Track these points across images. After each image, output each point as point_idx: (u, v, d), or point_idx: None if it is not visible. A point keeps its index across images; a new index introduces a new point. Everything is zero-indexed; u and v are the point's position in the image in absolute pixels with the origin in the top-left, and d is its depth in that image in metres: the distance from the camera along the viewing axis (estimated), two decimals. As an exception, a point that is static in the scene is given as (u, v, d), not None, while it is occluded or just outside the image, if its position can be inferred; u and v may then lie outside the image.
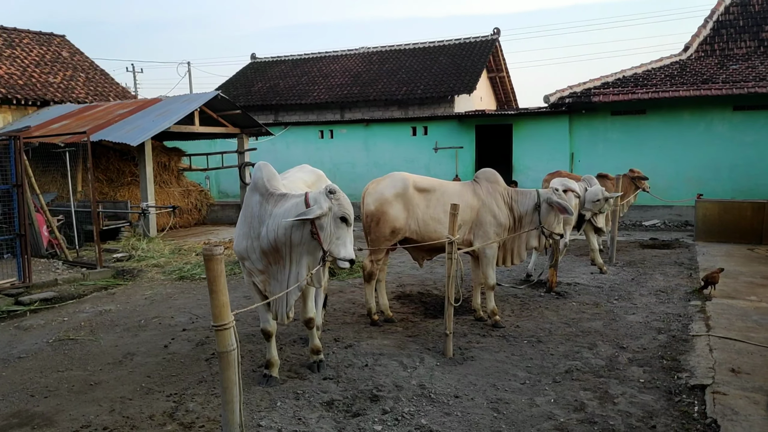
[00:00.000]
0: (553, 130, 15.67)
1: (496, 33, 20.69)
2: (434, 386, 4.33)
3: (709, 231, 11.36)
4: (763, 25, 16.10)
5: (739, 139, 14.05)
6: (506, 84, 22.65)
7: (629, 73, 15.68)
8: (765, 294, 6.87)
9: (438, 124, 17.01)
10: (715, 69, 14.94)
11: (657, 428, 3.64)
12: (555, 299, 7.10)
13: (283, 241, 4.04)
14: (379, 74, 20.05)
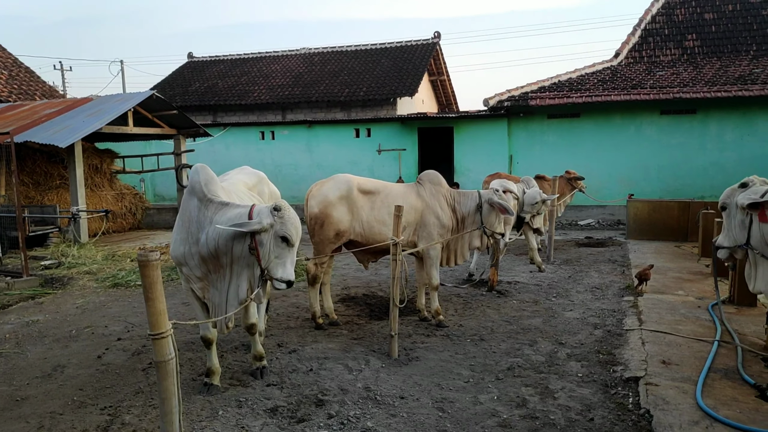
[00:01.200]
0: (492, 132, 16.03)
1: (436, 37, 20.97)
2: (380, 388, 4.32)
3: (639, 229, 11.90)
4: (686, 35, 17.05)
5: (666, 142, 14.82)
6: (447, 87, 23.00)
7: (564, 78, 16.25)
8: (691, 288, 7.26)
9: (381, 126, 17.07)
10: (644, 75, 15.69)
11: (595, 421, 3.76)
12: (496, 298, 7.25)
13: (224, 252, 3.91)
14: (321, 75, 19.93)
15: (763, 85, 13.72)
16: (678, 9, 17.64)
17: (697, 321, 5.80)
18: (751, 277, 4.20)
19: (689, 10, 17.52)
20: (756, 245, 4.01)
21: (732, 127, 14.34)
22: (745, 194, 4.02)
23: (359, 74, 19.51)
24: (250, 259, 3.87)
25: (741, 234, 4.10)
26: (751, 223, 3.96)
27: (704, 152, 14.53)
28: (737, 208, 4.09)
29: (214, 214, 3.99)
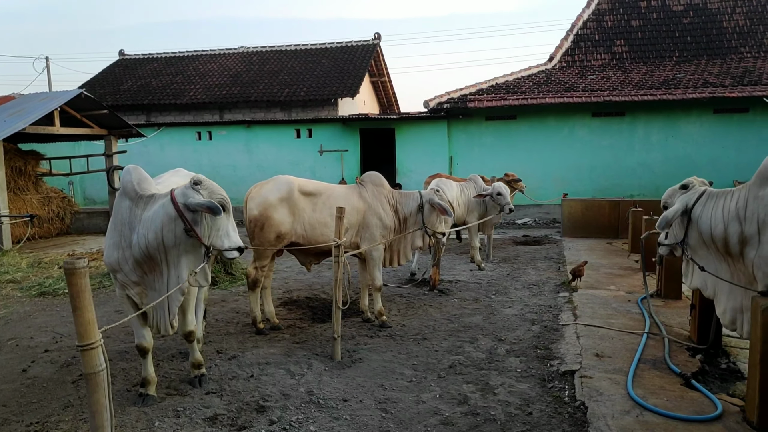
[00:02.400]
0: (433, 134, 16.24)
1: (377, 38, 21.05)
2: (322, 391, 4.28)
3: (573, 227, 12.36)
4: (615, 40, 17.85)
5: (597, 143, 15.45)
6: (388, 88, 23.13)
7: (501, 81, 16.66)
8: (622, 283, 7.59)
9: (323, 126, 16.97)
10: (576, 78, 16.31)
11: (533, 414, 3.87)
12: (438, 297, 7.34)
13: (155, 246, 3.77)
14: (261, 75, 19.61)
15: (685, 89, 14.54)
16: (607, 15, 18.44)
17: (627, 314, 6.07)
18: (687, 275, 4.38)
19: (617, 17, 18.34)
20: (693, 245, 4.18)
21: (657, 129, 15.11)
22: (684, 196, 4.20)
23: (300, 74, 19.33)
24: (186, 244, 3.78)
25: (680, 233, 4.28)
26: (689, 223, 4.15)
27: (632, 153, 15.24)
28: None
29: (143, 211, 3.87)
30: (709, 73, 15.48)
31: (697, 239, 4.10)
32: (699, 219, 4.03)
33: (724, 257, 3.98)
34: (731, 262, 3.94)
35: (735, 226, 3.79)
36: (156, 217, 3.76)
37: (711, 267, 4.10)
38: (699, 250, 4.15)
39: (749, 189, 3.79)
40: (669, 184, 13.98)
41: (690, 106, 14.70)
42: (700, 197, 4.11)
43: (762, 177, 3.70)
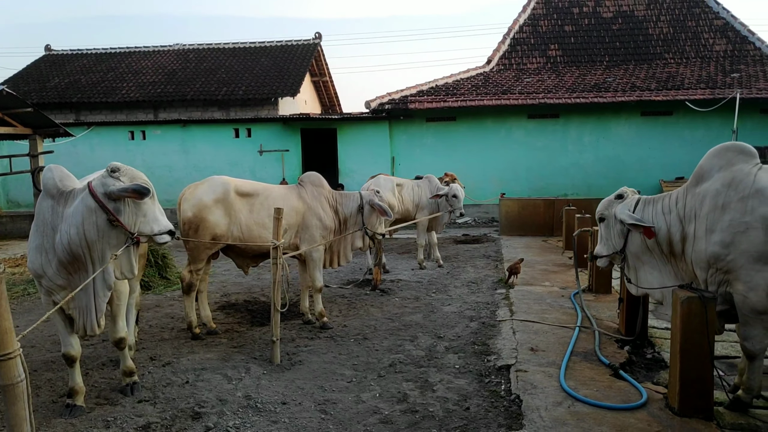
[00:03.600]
0: (375, 134, 16.29)
1: (318, 37, 20.92)
2: (261, 395, 4.21)
3: (511, 226, 12.69)
4: (549, 45, 18.45)
5: (532, 144, 15.93)
6: (330, 88, 23.03)
7: (441, 83, 16.91)
8: (556, 279, 7.85)
9: (262, 126, 16.71)
10: (513, 81, 16.76)
11: (471, 409, 3.94)
12: (380, 296, 7.37)
13: (78, 242, 3.60)
14: (197, 73, 19.09)
15: (615, 93, 15.21)
16: (542, 20, 19.05)
17: (561, 309, 6.29)
18: (629, 277, 4.48)
19: (551, 22, 18.98)
20: (636, 252, 4.34)
21: (589, 131, 15.74)
22: (622, 206, 4.34)
23: (238, 73, 18.95)
24: (110, 236, 3.64)
25: (619, 242, 4.41)
26: (629, 232, 4.29)
27: (566, 154, 15.81)
28: (616, 218, 4.40)
29: (65, 207, 3.71)
30: (636, 77, 16.25)
31: (640, 245, 4.23)
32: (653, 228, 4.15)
33: (668, 258, 4.15)
34: (674, 262, 4.12)
35: (677, 226, 3.98)
36: (76, 212, 3.62)
37: (655, 271, 4.24)
38: (642, 256, 4.27)
39: (687, 189, 3.99)
40: (600, 184, 14.58)
41: (619, 109, 15.39)
42: (637, 205, 4.28)
43: (698, 177, 3.92)
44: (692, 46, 17.67)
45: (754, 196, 3.56)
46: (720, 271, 3.69)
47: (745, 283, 3.57)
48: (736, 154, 3.80)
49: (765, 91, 14.40)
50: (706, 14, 18.30)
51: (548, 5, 19.36)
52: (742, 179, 3.65)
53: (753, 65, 16.46)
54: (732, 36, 17.66)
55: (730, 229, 3.60)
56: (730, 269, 3.63)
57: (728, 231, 3.61)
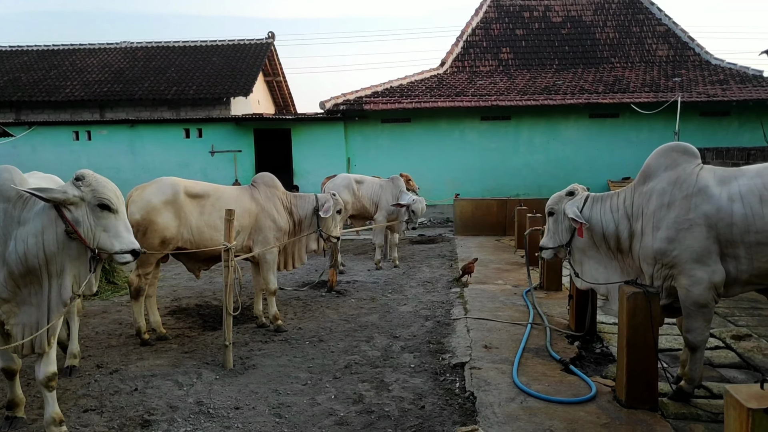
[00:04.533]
0: (330, 135, 16.22)
1: (271, 37, 20.67)
2: (213, 401, 4.12)
3: (465, 226, 12.85)
4: (501, 48, 18.79)
5: (485, 145, 16.19)
6: (284, 89, 22.79)
7: (396, 84, 16.98)
8: (509, 278, 8.00)
9: (214, 126, 16.39)
10: (466, 83, 16.98)
11: (426, 407, 3.96)
12: (336, 298, 7.33)
13: (35, 252, 3.31)
14: (146, 72, 18.57)
15: (564, 95, 15.62)
16: (494, 24, 19.38)
17: (513, 307, 6.40)
18: (576, 270, 4.60)
19: (503, 26, 19.33)
20: (582, 247, 4.46)
21: (540, 133, 16.11)
22: (571, 203, 4.46)
23: (189, 72, 18.54)
24: (69, 248, 3.35)
25: (566, 236, 4.54)
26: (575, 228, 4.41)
27: (518, 155, 16.13)
28: (565, 214, 4.51)
29: (21, 211, 3.38)
30: (584, 80, 16.74)
31: (587, 241, 4.36)
32: (590, 221, 4.29)
33: (615, 254, 4.29)
34: (621, 258, 4.26)
35: (624, 223, 4.12)
36: (36, 219, 3.32)
37: (601, 266, 4.37)
38: (588, 251, 4.41)
39: (634, 188, 4.14)
40: (551, 184, 14.89)
41: (569, 111, 15.81)
42: (586, 201, 4.40)
43: (644, 175, 4.07)
44: (637, 51, 18.33)
45: (697, 194, 3.72)
46: (665, 267, 3.83)
47: (688, 277, 3.72)
48: (680, 154, 3.96)
49: (704, 95, 15.08)
50: (650, 21, 19.01)
51: (500, 9, 19.71)
52: (686, 178, 3.81)
53: (693, 70, 17.20)
54: (673, 42, 18.41)
55: (675, 226, 3.74)
56: (674, 264, 3.77)
57: (673, 228, 3.75)
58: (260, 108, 20.40)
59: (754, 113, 15.39)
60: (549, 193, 15.60)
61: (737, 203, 3.61)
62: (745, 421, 2.22)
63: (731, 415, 2.34)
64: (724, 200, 3.65)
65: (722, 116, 15.72)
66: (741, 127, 15.66)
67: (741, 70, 16.98)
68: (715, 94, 15.11)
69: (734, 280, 3.71)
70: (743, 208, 3.59)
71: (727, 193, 3.66)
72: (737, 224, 3.59)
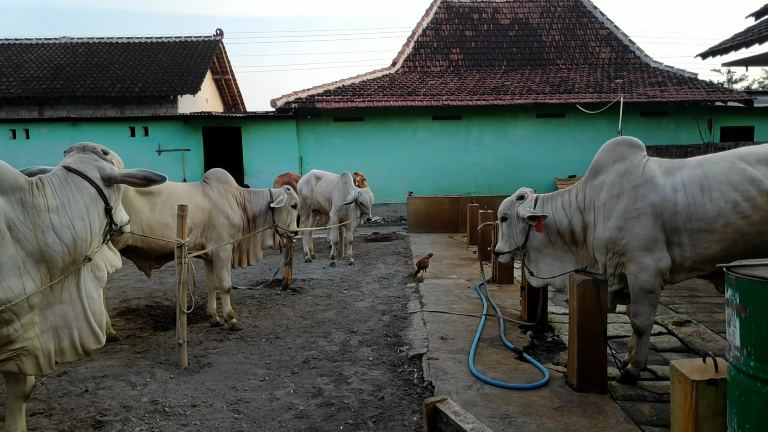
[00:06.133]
0: (281, 133, 16.07)
1: (219, 34, 20.31)
2: (168, 399, 4.03)
3: (418, 223, 12.99)
4: (451, 48, 19.06)
5: (437, 144, 16.40)
6: (233, 87, 22.43)
7: (348, 83, 16.98)
8: (462, 272, 8.14)
9: (161, 124, 15.96)
10: (418, 83, 17.15)
11: (385, 398, 4.00)
12: (291, 296, 7.28)
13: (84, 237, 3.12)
14: (88, 68, 17.91)
15: (513, 96, 16.00)
16: (444, 25, 19.64)
17: (468, 300, 6.53)
18: (531, 270, 4.76)
19: (453, 27, 19.62)
20: (537, 246, 4.60)
21: (490, 132, 16.44)
22: (523, 205, 4.60)
23: (134, 69, 18.00)
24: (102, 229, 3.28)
25: (521, 238, 4.67)
26: (530, 229, 4.54)
27: (468, 154, 16.42)
28: (518, 217, 4.64)
29: (44, 198, 3.08)
30: (532, 81, 17.18)
31: (542, 239, 4.51)
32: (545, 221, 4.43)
33: (570, 248, 4.45)
34: (576, 250, 4.42)
35: (578, 217, 4.28)
36: (75, 201, 3.07)
37: (557, 261, 4.52)
38: (544, 249, 4.57)
39: (585, 182, 4.31)
40: (501, 182, 15.22)
41: (517, 111, 16.21)
42: (536, 203, 4.56)
43: (594, 170, 4.24)
44: (581, 53, 18.95)
45: (644, 185, 3.91)
46: (616, 254, 4.01)
47: (637, 264, 3.90)
48: (627, 148, 4.15)
49: (644, 96, 15.75)
50: (593, 24, 19.70)
51: (450, 10, 20.00)
52: (633, 170, 3.99)
53: (634, 72, 17.93)
54: (615, 45, 19.14)
55: (624, 216, 3.92)
56: (624, 252, 3.94)
57: (622, 217, 3.92)
58: (209, 106, 20.02)
59: (690, 113, 16.20)
60: (499, 191, 16.00)
61: (680, 193, 3.81)
62: (690, 392, 2.36)
63: (677, 388, 2.48)
64: (668, 190, 3.84)
65: (661, 116, 16.47)
66: (678, 126, 16.45)
67: (678, 73, 17.82)
68: (654, 96, 15.80)
69: (679, 266, 3.91)
70: (686, 197, 3.79)
71: (671, 183, 3.86)
72: (681, 213, 3.79)
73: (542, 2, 20.23)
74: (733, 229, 3.68)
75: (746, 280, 2.09)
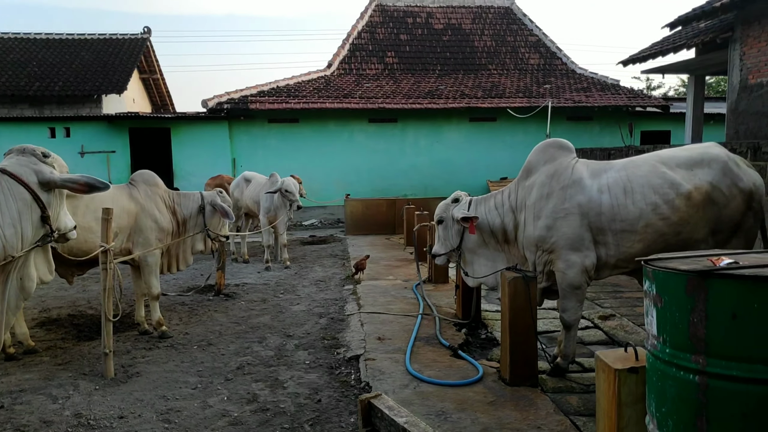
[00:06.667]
0: (213, 135, 15.68)
1: (147, 32, 19.58)
2: (93, 412, 3.83)
3: (356, 225, 13.00)
4: (386, 52, 19.20)
5: (373, 147, 16.48)
6: (161, 87, 21.66)
7: (282, 84, 16.78)
8: (399, 273, 8.21)
9: (84, 125, 15.21)
10: (353, 86, 17.17)
11: (322, 401, 3.96)
12: (224, 301, 7.10)
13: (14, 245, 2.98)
14: (2, 65, 16.81)
15: (446, 99, 16.30)
16: (379, 28, 19.76)
17: (404, 300, 6.59)
18: (467, 271, 4.87)
19: (388, 30, 19.77)
20: (471, 247, 4.69)
21: (425, 135, 16.68)
22: (457, 208, 4.69)
23: (54, 67, 17.06)
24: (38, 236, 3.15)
25: (456, 240, 4.76)
26: (464, 231, 4.64)
27: (404, 156, 16.59)
28: (453, 220, 4.72)
29: None
30: (465, 85, 17.57)
31: (476, 239, 4.62)
32: (477, 221, 4.53)
33: (502, 246, 4.57)
34: (508, 249, 4.54)
35: (510, 216, 4.41)
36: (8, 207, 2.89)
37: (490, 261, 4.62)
38: (478, 249, 4.68)
39: (518, 183, 4.45)
40: (436, 184, 15.46)
41: (450, 115, 16.53)
42: (470, 205, 4.66)
43: (526, 171, 4.39)
44: (511, 59, 19.55)
45: (572, 185, 4.07)
46: (545, 252, 4.15)
47: (564, 261, 4.05)
48: (557, 149, 4.32)
49: (571, 101, 16.44)
50: (522, 31, 20.37)
51: (384, 14, 20.14)
52: (562, 171, 4.15)
53: (561, 78, 18.67)
54: (543, 51, 19.87)
55: (553, 215, 4.07)
56: (553, 250, 4.09)
57: (552, 216, 4.07)
58: (136, 107, 19.25)
59: (613, 118, 17.06)
60: (435, 193, 16.21)
61: (605, 194, 4.00)
62: (613, 380, 2.47)
63: (601, 377, 2.59)
64: (594, 191, 4.02)
65: (587, 120, 17.25)
66: (602, 130, 17.27)
67: (601, 79, 18.71)
68: (580, 101, 16.52)
69: (604, 264, 4.10)
70: (610, 198, 3.98)
71: (597, 184, 4.04)
72: (605, 213, 3.97)
73: (474, 8, 20.73)
74: (653, 229, 3.89)
75: (661, 271, 2.21)
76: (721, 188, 3.87)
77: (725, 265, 2.14)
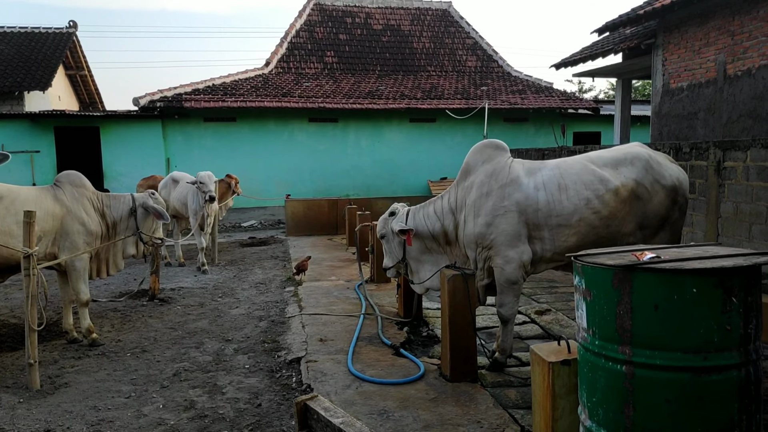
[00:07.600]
0: (146, 134, 15.12)
1: (73, 26, 18.66)
2: (17, 426, 3.61)
3: (297, 226, 12.86)
4: (325, 51, 19.09)
5: (315, 147, 16.35)
6: (89, 84, 20.69)
7: (219, 82, 16.38)
8: (342, 273, 8.17)
9: (4, 123, 14.32)
10: (292, 85, 16.97)
11: (263, 405, 3.90)
12: (159, 306, 6.86)
13: None
14: None
15: (387, 100, 16.37)
16: (318, 27, 19.63)
17: (347, 300, 6.57)
18: (414, 280, 4.92)
19: (327, 30, 19.67)
20: (415, 255, 4.75)
21: (366, 135, 16.70)
22: (395, 221, 4.73)
23: (-30, 61, 15.98)
24: None
25: (399, 251, 4.83)
26: (404, 242, 4.68)
27: (346, 156, 16.55)
28: (393, 233, 4.77)
29: None
30: (405, 86, 17.71)
31: (418, 247, 4.69)
32: (416, 229, 4.59)
33: (444, 249, 4.64)
34: (450, 250, 4.61)
35: (449, 218, 4.49)
36: None
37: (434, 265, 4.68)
38: (421, 256, 4.76)
39: (457, 184, 4.54)
40: (378, 185, 15.50)
41: (391, 116, 16.62)
42: (408, 215, 4.71)
43: (465, 171, 4.48)
44: (450, 61, 19.87)
45: (510, 184, 4.18)
46: (485, 249, 4.24)
47: (502, 257, 4.15)
48: (493, 150, 4.42)
49: (507, 102, 16.87)
50: (460, 33, 20.74)
51: (323, 13, 20.03)
52: (500, 170, 4.26)
53: (497, 80, 19.14)
54: (480, 54, 20.31)
55: (492, 213, 4.16)
56: (491, 246, 4.19)
57: (491, 214, 4.16)
58: (62, 104, 18.32)
59: (547, 119, 17.63)
60: (377, 193, 16.26)
61: (541, 191, 4.13)
62: (547, 373, 2.55)
63: (536, 370, 2.67)
64: (531, 189, 4.15)
65: (522, 122, 17.75)
66: (537, 131, 17.82)
67: (536, 82, 19.31)
68: (515, 102, 16.98)
69: (540, 258, 4.23)
70: (546, 195, 4.11)
71: (534, 182, 4.17)
72: (542, 209, 4.10)
73: (413, 10, 20.93)
74: (586, 223, 4.06)
75: (590, 267, 2.30)
76: (644, 184, 4.08)
77: (648, 260, 2.25)
